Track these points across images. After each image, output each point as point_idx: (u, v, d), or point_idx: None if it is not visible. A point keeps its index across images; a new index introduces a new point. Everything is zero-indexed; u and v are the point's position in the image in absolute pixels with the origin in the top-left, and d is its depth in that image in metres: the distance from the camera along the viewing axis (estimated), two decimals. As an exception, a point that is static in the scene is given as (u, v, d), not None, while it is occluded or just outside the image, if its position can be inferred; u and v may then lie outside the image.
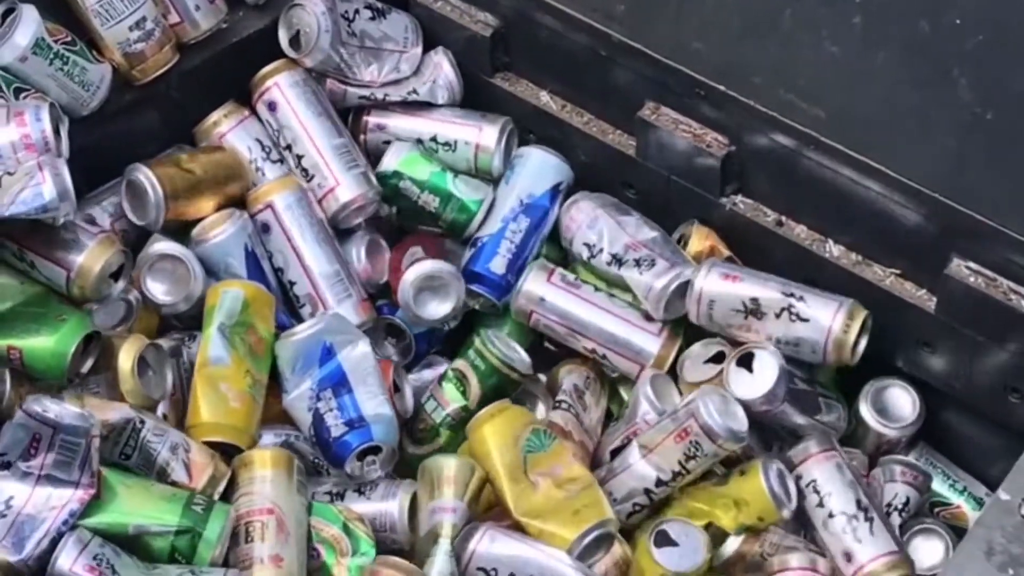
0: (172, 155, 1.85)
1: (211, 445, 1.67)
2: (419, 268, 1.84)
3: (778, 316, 1.74)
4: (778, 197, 1.83)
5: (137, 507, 1.54)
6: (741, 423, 1.70)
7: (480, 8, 1.95)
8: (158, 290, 1.78)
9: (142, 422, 1.61)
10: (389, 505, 1.70)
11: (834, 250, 1.81)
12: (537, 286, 1.86)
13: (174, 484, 1.60)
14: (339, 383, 1.73)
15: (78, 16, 1.79)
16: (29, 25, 1.71)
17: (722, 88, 1.76)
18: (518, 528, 1.66)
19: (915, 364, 1.82)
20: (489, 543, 1.63)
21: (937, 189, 1.67)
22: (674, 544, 1.67)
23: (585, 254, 1.86)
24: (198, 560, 1.54)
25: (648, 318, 1.82)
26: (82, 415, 1.51)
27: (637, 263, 1.81)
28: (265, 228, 1.85)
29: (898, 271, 1.79)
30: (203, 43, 1.88)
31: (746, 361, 1.74)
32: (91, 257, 1.65)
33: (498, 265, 1.88)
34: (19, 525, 1.49)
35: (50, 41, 1.72)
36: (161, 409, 1.72)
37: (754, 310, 1.75)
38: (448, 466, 1.69)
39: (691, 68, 1.77)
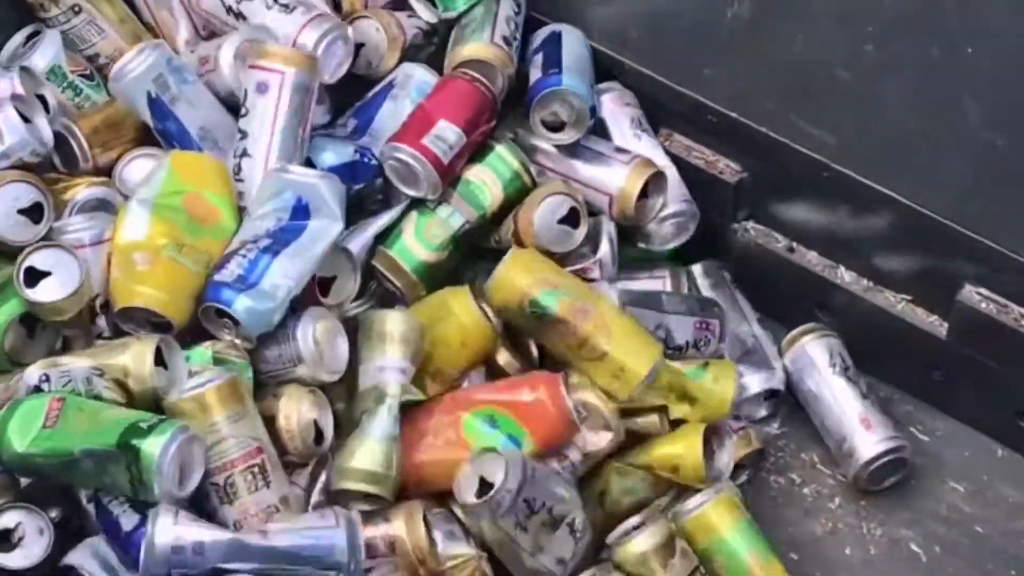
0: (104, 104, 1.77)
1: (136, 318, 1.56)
2: None
3: None
4: (790, 223, 1.83)
5: (82, 432, 1.46)
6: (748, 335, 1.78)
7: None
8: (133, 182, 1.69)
9: (45, 378, 1.51)
10: (292, 342, 1.57)
11: (846, 276, 1.82)
12: None
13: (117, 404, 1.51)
14: (282, 243, 1.58)
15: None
16: (48, 50, 1.73)
17: (734, 115, 1.76)
18: None
19: (926, 389, 1.83)
20: None
21: (948, 216, 1.68)
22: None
23: None
24: (147, 478, 1.43)
25: (620, 150, 1.78)
26: None
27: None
28: (261, 88, 1.67)
29: (910, 297, 1.79)
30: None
31: None
32: None
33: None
34: None
35: (67, 70, 1.74)
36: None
37: None
38: (396, 322, 1.61)
39: (703, 95, 1.77)
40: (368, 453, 1.56)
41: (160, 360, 1.50)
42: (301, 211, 1.60)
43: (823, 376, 1.80)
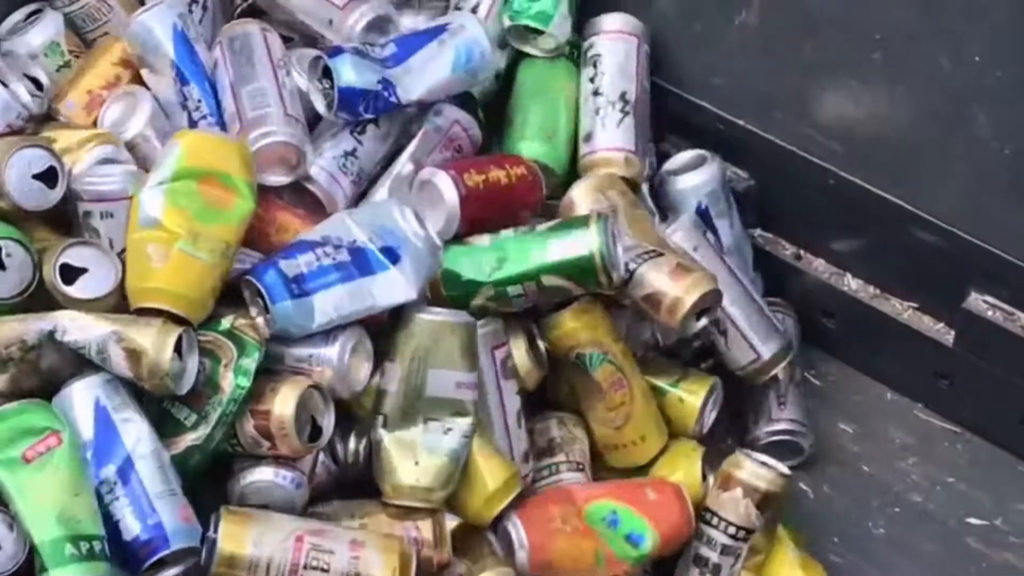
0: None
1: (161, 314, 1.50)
2: None
3: None
4: (797, 231, 1.84)
5: (40, 500, 1.41)
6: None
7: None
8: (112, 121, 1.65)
9: (61, 329, 1.46)
10: (327, 349, 1.53)
11: (852, 283, 1.82)
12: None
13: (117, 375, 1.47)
14: (356, 271, 1.54)
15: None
16: (49, 27, 1.72)
17: (741, 122, 1.77)
18: None
19: (932, 397, 1.83)
20: None
21: (955, 223, 1.68)
22: None
23: None
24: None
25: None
26: None
27: None
28: (215, 65, 1.68)
29: (916, 304, 1.80)
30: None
31: None
32: None
33: None
34: None
35: (64, 48, 1.72)
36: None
37: None
38: (471, 331, 1.55)
39: (711, 103, 1.78)
40: (435, 471, 1.53)
41: (179, 348, 1.47)
42: (391, 253, 1.55)
43: None
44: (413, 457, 1.54)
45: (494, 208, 1.65)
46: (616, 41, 1.77)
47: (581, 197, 1.70)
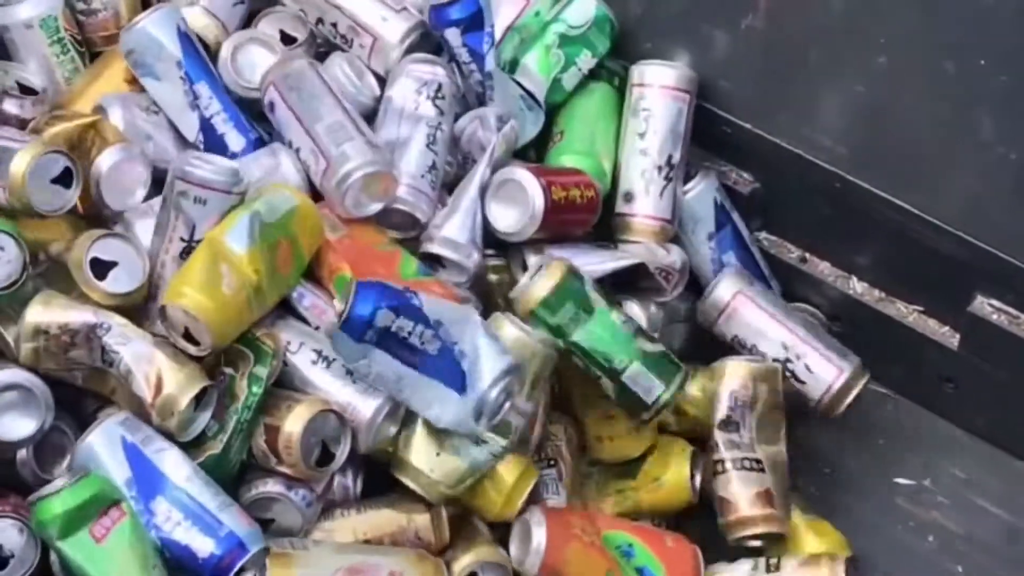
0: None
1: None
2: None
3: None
4: (802, 233, 1.84)
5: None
6: None
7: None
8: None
9: (106, 328, 1.47)
10: (364, 403, 1.53)
11: (858, 287, 1.82)
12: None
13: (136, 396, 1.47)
14: (424, 369, 1.51)
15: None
16: (43, 2, 1.71)
17: (748, 126, 1.77)
18: None
19: (938, 400, 1.84)
20: None
21: (961, 227, 1.69)
22: None
23: None
24: None
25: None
26: None
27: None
28: (271, 107, 1.67)
29: (921, 308, 1.80)
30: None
31: None
32: (18, 161, 1.49)
33: None
34: None
35: (61, 24, 1.72)
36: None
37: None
38: (549, 362, 1.58)
39: (717, 106, 1.78)
40: (450, 470, 1.53)
41: (199, 398, 1.48)
42: (467, 382, 1.52)
43: None
44: (437, 448, 1.54)
45: (562, 223, 1.67)
46: (669, 100, 1.74)
47: (733, 374, 1.70)
